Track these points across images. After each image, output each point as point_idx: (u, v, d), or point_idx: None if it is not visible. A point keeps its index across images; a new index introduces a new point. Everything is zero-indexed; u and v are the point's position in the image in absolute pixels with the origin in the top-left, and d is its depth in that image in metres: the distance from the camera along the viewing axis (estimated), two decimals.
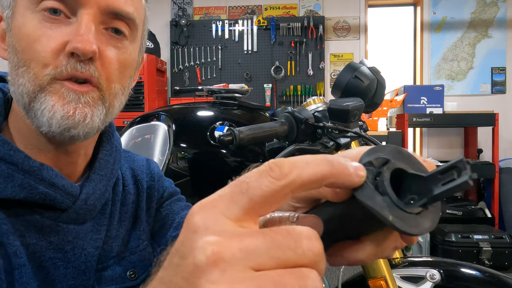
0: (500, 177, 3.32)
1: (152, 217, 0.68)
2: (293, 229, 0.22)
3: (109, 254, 0.58)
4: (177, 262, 0.22)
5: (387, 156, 0.26)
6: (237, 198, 0.22)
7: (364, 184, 0.25)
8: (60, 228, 0.51)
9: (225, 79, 4.05)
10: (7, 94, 0.54)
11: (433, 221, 0.25)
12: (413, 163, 0.27)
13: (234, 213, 0.22)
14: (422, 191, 0.25)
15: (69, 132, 0.48)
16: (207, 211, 0.22)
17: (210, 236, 0.21)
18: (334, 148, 0.88)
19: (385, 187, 0.25)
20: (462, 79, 3.99)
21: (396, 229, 0.24)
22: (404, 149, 0.27)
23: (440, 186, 0.24)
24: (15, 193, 0.47)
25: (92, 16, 0.48)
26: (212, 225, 0.21)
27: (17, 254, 0.47)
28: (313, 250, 0.22)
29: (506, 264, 2.73)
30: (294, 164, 0.23)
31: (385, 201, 0.24)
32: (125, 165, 0.67)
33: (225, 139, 0.79)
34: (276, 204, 0.23)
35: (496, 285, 1.04)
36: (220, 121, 1.08)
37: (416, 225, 0.24)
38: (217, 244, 0.20)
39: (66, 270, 0.51)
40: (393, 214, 0.24)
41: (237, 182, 0.23)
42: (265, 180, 0.22)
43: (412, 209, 0.25)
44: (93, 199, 0.54)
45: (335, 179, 0.24)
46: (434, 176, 0.25)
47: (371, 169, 0.26)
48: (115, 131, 0.64)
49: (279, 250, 0.21)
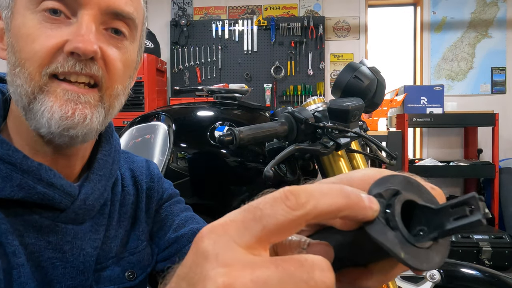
0: (500, 177, 3.32)
1: (151, 218, 0.68)
2: (306, 260, 0.21)
3: (107, 254, 0.58)
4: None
5: (397, 187, 0.26)
6: (250, 225, 0.22)
7: (376, 219, 0.24)
8: (59, 228, 0.51)
9: (225, 79, 4.05)
10: (6, 95, 0.54)
11: (443, 255, 0.25)
12: (423, 193, 0.27)
13: (246, 240, 0.21)
14: (432, 224, 0.25)
15: (68, 132, 0.48)
16: (218, 236, 0.22)
17: (221, 266, 0.20)
18: (334, 148, 0.88)
19: (396, 222, 0.24)
20: (462, 79, 3.99)
21: (408, 266, 0.24)
22: (413, 179, 0.27)
23: (452, 221, 0.24)
24: (14, 193, 0.47)
25: (92, 17, 0.48)
26: (222, 252, 0.21)
27: (16, 253, 0.47)
28: (325, 282, 0.21)
29: (506, 264, 2.73)
30: (311, 194, 0.22)
31: (396, 237, 0.24)
32: (125, 166, 0.67)
33: (225, 139, 0.79)
34: (289, 233, 0.23)
35: (496, 285, 1.04)
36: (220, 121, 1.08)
37: (427, 261, 0.24)
38: (229, 275, 0.20)
39: (65, 270, 0.51)
40: (405, 250, 0.24)
41: (250, 208, 0.22)
42: (280, 209, 0.22)
43: (422, 244, 0.24)
44: (91, 199, 0.54)
45: (350, 213, 0.23)
46: (445, 209, 0.24)
47: (381, 201, 0.25)
48: (114, 131, 0.63)
49: (291, 281, 0.20)
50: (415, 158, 3.81)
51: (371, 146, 0.99)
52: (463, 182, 3.94)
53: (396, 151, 1.02)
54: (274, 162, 0.81)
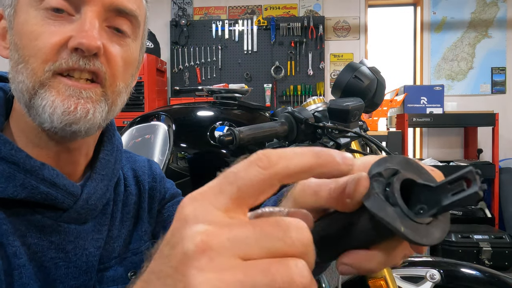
0: (500, 177, 3.32)
1: (154, 218, 0.68)
2: (282, 220, 0.22)
3: (110, 254, 0.58)
4: (167, 252, 0.22)
5: (396, 167, 0.26)
6: (226, 188, 0.22)
7: (374, 195, 0.25)
8: (62, 228, 0.51)
9: (225, 79, 4.05)
10: (8, 93, 0.54)
11: (443, 231, 0.26)
12: (422, 173, 0.27)
13: (223, 203, 0.22)
14: (431, 201, 0.25)
15: (71, 128, 0.48)
16: (197, 202, 0.23)
17: (199, 226, 0.21)
18: (334, 148, 0.88)
19: (395, 198, 0.25)
20: (462, 79, 3.99)
21: (408, 240, 0.24)
22: (413, 159, 0.28)
23: (450, 196, 0.24)
24: (16, 192, 0.47)
25: (96, 13, 0.48)
26: (201, 215, 0.22)
27: (17, 254, 0.47)
28: (302, 240, 0.22)
29: (506, 264, 2.73)
30: (281, 155, 0.23)
31: (396, 212, 0.24)
32: (127, 166, 0.67)
33: (225, 139, 0.79)
34: (264, 194, 0.23)
35: (496, 285, 1.04)
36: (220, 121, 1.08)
37: (427, 235, 0.25)
38: (206, 233, 0.21)
39: (68, 270, 0.51)
40: (404, 225, 0.24)
41: (225, 173, 0.23)
42: (253, 170, 0.22)
43: (422, 220, 0.25)
44: (94, 198, 0.54)
45: (323, 169, 0.24)
46: (443, 186, 0.25)
47: (381, 180, 0.26)
48: (116, 130, 0.63)
49: (267, 239, 0.21)
50: (415, 158, 3.81)
51: (371, 146, 0.99)
52: None
53: (396, 151, 1.02)
54: None
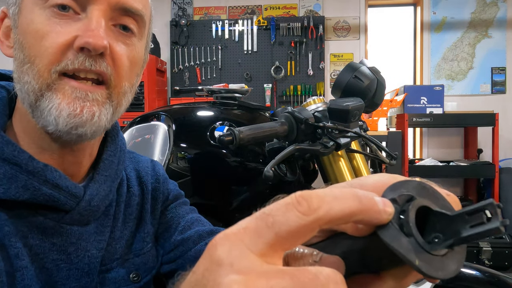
0: (500, 177, 3.32)
1: (157, 219, 0.67)
2: (320, 272, 0.21)
3: (112, 256, 0.57)
4: None
5: (412, 192, 0.25)
6: (263, 232, 0.21)
7: (389, 224, 0.24)
8: (64, 230, 0.51)
9: (225, 79, 4.05)
10: (11, 93, 0.54)
11: (459, 263, 0.24)
12: (438, 199, 0.26)
13: (260, 247, 0.21)
14: (447, 231, 0.24)
15: (77, 131, 0.47)
16: (232, 244, 0.21)
17: (236, 274, 0.20)
18: (334, 148, 0.88)
19: (410, 228, 0.24)
20: (462, 79, 3.99)
21: (423, 273, 0.23)
22: (428, 184, 0.27)
23: (468, 228, 0.23)
24: (19, 194, 0.47)
25: (102, 12, 0.48)
26: (237, 260, 0.21)
27: (19, 256, 0.46)
28: None
29: (506, 264, 2.73)
30: (323, 199, 0.22)
31: (410, 243, 0.23)
32: (130, 166, 0.66)
33: (225, 139, 0.79)
34: (302, 239, 0.22)
35: (496, 285, 1.04)
36: (220, 121, 1.08)
37: (442, 268, 0.23)
38: (243, 284, 0.20)
39: (69, 272, 0.51)
40: (419, 257, 0.23)
41: (262, 215, 0.22)
42: (292, 215, 0.21)
43: (437, 251, 0.24)
44: (97, 200, 0.54)
45: (364, 216, 0.23)
46: (461, 216, 0.24)
47: (395, 206, 0.24)
48: (120, 131, 0.63)
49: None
50: (415, 158, 3.81)
51: (371, 146, 0.99)
52: (463, 182, 3.94)
53: (396, 151, 1.02)
54: (274, 162, 0.81)
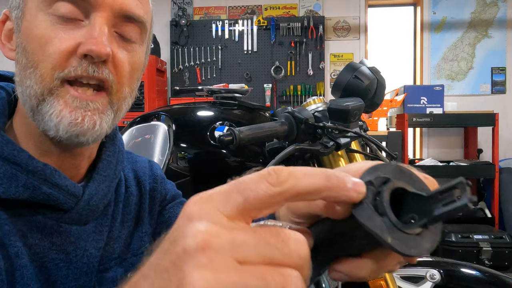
0: (500, 177, 3.32)
1: (155, 219, 0.67)
2: (283, 231, 0.23)
3: (111, 255, 0.58)
4: (168, 246, 0.23)
5: (388, 175, 0.26)
6: (233, 196, 0.23)
7: (363, 204, 0.25)
8: (63, 229, 0.51)
9: (225, 79, 4.05)
10: (12, 94, 0.54)
11: (433, 242, 0.25)
12: (414, 181, 0.27)
13: (228, 209, 0.23)
14: (422, 211, 0.25)
15: (77, 139, 0.48)
16: (203, 203, 0.23)
17: (203, 224, 0.22)
18: (334, 148, 0.88)
19: (384, 208, 0.25)
20: (462, 79, 3.99)
21: (395, 251, 0.24)
22: (405, 167, 0.27)
23: (441, 207, 0.24)
24: (19, 193, 0.47)
25: (105, 19, 0.48)
26: (206, 216, 0.22)
27: (19, 255, 0.46)
28: (299, 253, 0.22)
29: (506, 264, 2.73)
30: (291, 174, 0.24)
31: (384, 222, 0.24)
32: (128, 167, 0.67)
33: (225, 139, 0.79)
34: (268, 209, 0.24)
35: (496, 285, 1.04)
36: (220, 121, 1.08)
37: (415, 246, 0.24)
38: (208, 233, 0.21)
39: (68, 271, 0.51)
40: (392, 236, 0.24)
41: (235, 182, 0.24)
42: (262, 185, 0.23)
43: (411, 230, 0.25)
44: (95, 199, 0.54)
45: (331, 193, 0.24)
46: (435, 196, 0.25)
47: (371, 188, 0.25)
48: (118, 132, 0.63)
49: (266, 247, 0.22)
50: (415, 158, 3.81)
51: (371, 146, 0.99)
52: None
53: (396, 151, 1.02)
54: (274, 162, 0.81)
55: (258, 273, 0.21)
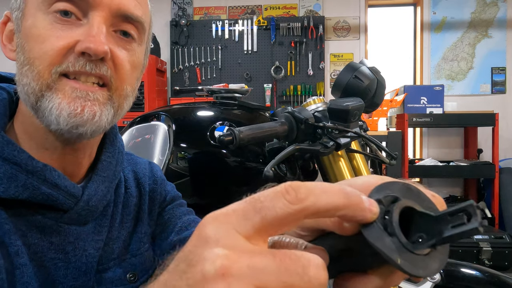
0: (500, 177, 3.32)
1: (154, 220, 0.68)
2: (302, 255, 0.22)
3: (109, 255, 0.58)
4: (184, 268, 0.22)
5: (397, 194, 0.26)
6: (250, 216, 0.22)
7: (373, 223, 0.25)
8: (62, 229, 0.51)
9: (225, 79, 4.05)
10: (13, 96, 0.55)
11: (441, 262, 0.25)
12: (423, 200, 0.27)
13: (246, 229, 0.22)
14: (431, 231, 0.25)
15: (77, 130, 0.48)
16: (220, 223, 0.23)
17: (221, 249, 0.21)
18: (334, 148, 0.88)
19: (394, 228, 0.24)
20: (462, 79, 3.99)
21: (404, 271, 0.24)
22: (414, 186, 0.27)
23: (450, 228, 0.24)
24: (18, 193, 0.48)
25: (103, 18, 0.49)
26: (223, 238, 0.22)
27: (19, 253, 0.47)
28: (319, 279, 0.22)
29: (506, 264, 2.73)
30: (311, 191, 0.23)
31: (393, 243, 0.24)
32: (128, 168, 0.67)
33: (225, 139, 0.79)
34: (287, 227, 0.23)
35: (496, 285, 1.04)
36: (220, 121, 1.08)
37: (424, 267, 0.24)
38: (227, 258, 0.21)
39: (67, 271, 0.51)
40: (401, 256, 0.24)
41: (251, 200, 0.23)
42: (280, 202, 0.22)
43: (420, 251, 0.25)
44: (95, 200, 0.54)
45: (348, 212, 0.24)
46: (444, 217, 0.24)
47: (381, 207, 0.25)
48: (118, 133, 0.64)
49: (286, 273, 0.21)
50: (415, 158, 3.81)
51: (371, 146, 0.99)
52: (463, 182, 3.94)
53: (396, 151, 1.02)
54: (274, 162, 0.81)
55: None
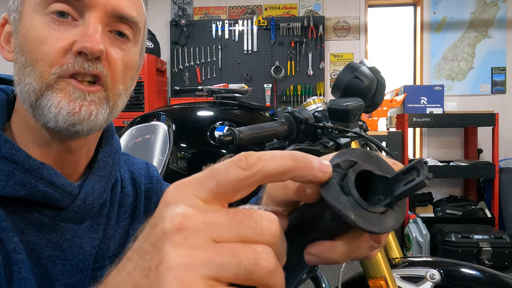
0: (500, 177, 3.32)
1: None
2: (255, 211, 0.24)
3: (105, 253, 0.59)
4: (148, 231, 0.25)
5: (355, 159, 0.28)
6: (207, 182, 0.25)
7: (331, 184, 0.26)
8: (59, 227, 0.52)
9: (225, 79, 4.05)
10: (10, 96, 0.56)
11: (397, 220, 0.27)
12: (382, 165, 0.28)
13: (203, 194, 0.25)
14: (387, 192, 0.26)
15: (74, 128, 0.50)
16: (180, 189, 0.25)
17: (179, 208, 0.24)
18: (334, 148, 0.88)
19: (349, 188, 0.26)
20: (462, 79, 3.99)
21: (358, 227, 0.25)
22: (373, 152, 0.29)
23: (402, 186, 0.25)
24: (16, 191, 0.48)
25: (98, 19, 0.50)
26: (182, 201, 0.24)
27: (16, 250, 0.47)
28: (271, 230, 0.24)
29: (506, 264, 2.74)
30: (260, 157, 0.25)
31: (349, 201, 0.26)
32: (124, 168, 0.68)
33: (225, 139, 0.79)
34: (241, 192, 0.25)
35: (496, 285, 1.04)
36: (220, 121, 1.08)
37: (378, 224, 0.26)
38: (184, 215, 0.23)
39: (64, 268, 0.52)
40: (356, 213, 0.25)
41: (209, 168, 0.26)
42: (233, 169, 0.25)
43: (375, 209, 0.26)
44: (91, 199, 0.55)
45: (298, 173, 0.26)
46: (398, 176, 0.26)
47: (339, 170, 0.27)
48: (115, 133, 0.65)
49: (239, 226, 0.23)
50: (415, 158, 3.81)
51: (371, 146, 0.99)
52: (463, 182, 3.94)
53: (396, 151, 1.02)
54: None
55: (232, 250, 0.22)
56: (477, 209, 3.36)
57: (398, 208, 0.27)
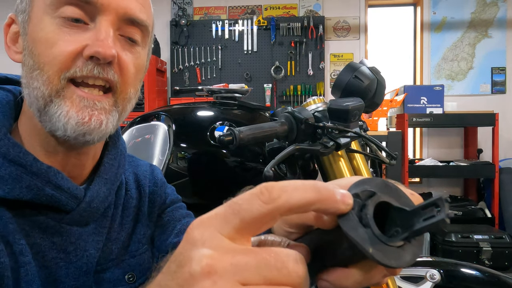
0: (500, 177, 3.32)
1: (154, 222, 0.68)
2: (282, 251, 0.24)
3: (108, 256, 0.59)
4: (175, 269, 0.24)
5: (374, 189, 0.27)
6: (230, 218, 0.24)
7: (349, 215, 0.26)
8: (64, 229, 0.52)
9: (225, 79, 4.05)
10: (18, 97, 0.55)
11: (414, 254, 0.26)
12: (400, 197, 0.28)
13: (228, 231, 0.24)
14: (405, 225, 0.26)
15: (84, 137, 0.49)
16: (205, 227, 0.25)
17: (206, 250, 0.23)
18: (334, 148, 0.88)
19: (368, 220, 0.26)
20: (462, 79, 3.99)
21: (376, 261, 0.25)
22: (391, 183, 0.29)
23: (421, 221, 0.25)
24: (23, 194, 0.48)
25: (110, 22, 0.50)
26: (208, 240, 0.24)
27: (23, 252, 0.48)
28: (297, 272, 0.24)
29: (506, 264, 2.74)
30: (283, 189, 0.25)
31: (367, 233, 0.25)
32: (129, 170, 0.68)
33: (225, 139, 0.79)
34: (265, 225, 0.25)
35: (496, 285, 1.04)
36: (220, 121, 1.08)
37: (396, 258, 0.25)
38: (211, 258, 0.23)
39: (68, 270, 0.52)
40: (373, 247, 0.25)
41: (231, 203, 0.25)
42: (255, 204, 0.24)
43: (393, 242, 0.26)
44: (96, 202, 0.55)
45: (321, 205, 0.25)
46: (417, 210, 0.26)
47: (357, 201, 0.27)
48: (121, 135, 0.64)
49: (266, 268, 0.23)
50: (415, 158, 3.81)
51: (371, 146, 0.99)
52: (463, 182, 3.94)
53: (396, 151, 1.02)
54: (274, 162, 0.81)
55: None
56: (477, 209, 3.35)
57: (416, 242, 0.27)
